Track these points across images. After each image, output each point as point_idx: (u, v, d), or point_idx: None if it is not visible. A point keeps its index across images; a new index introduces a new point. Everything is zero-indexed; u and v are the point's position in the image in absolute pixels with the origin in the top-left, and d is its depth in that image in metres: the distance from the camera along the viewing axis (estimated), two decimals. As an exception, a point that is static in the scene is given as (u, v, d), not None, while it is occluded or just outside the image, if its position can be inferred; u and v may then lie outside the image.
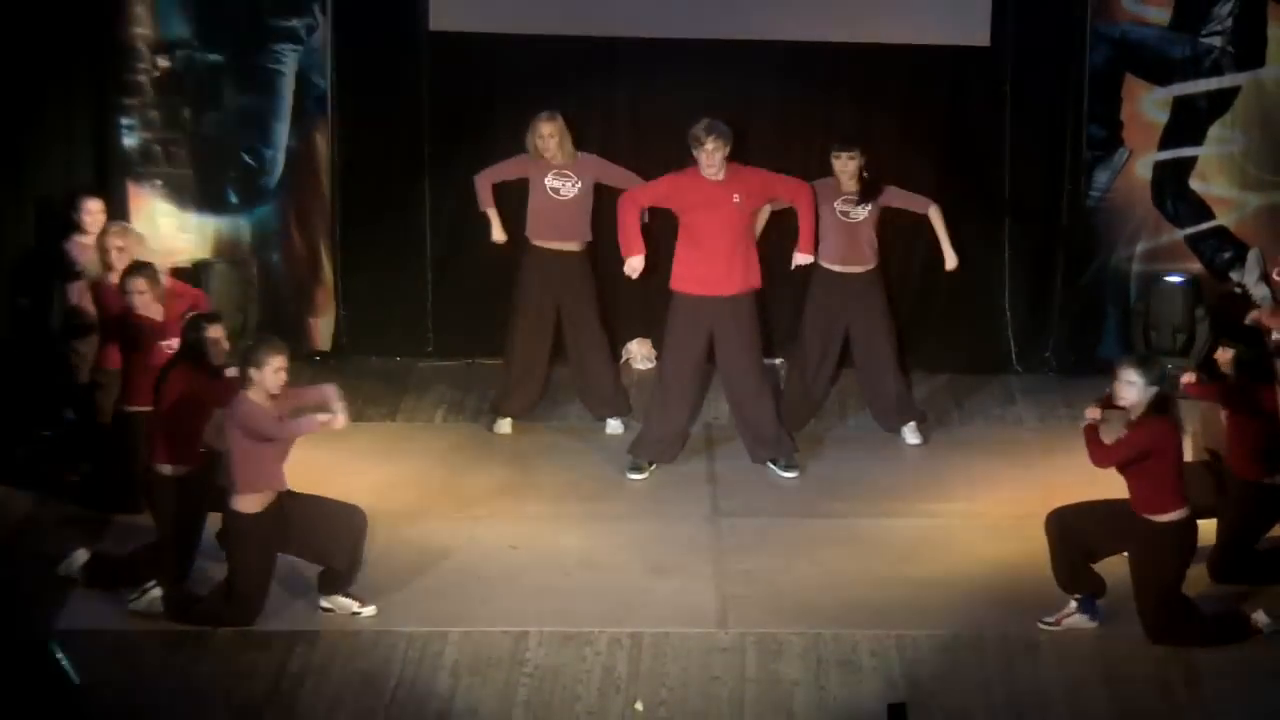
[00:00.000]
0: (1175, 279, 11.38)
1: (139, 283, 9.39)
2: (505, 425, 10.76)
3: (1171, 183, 11.52)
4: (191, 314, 9.15)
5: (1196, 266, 11.52)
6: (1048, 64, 11.34)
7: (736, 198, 9.95)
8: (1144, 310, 11.38)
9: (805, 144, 11.50)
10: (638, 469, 10.23)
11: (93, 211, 10.28)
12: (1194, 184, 11.51)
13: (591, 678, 8.25)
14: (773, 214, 10.41)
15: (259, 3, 11.28)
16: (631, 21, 11.24)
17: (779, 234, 11.31)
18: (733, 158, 10.01)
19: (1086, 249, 11.58)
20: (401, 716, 7.98)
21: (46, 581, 8.93)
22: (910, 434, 10.69)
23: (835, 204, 10.39)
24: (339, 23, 11.31)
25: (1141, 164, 11.48)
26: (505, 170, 10.64)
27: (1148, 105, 11.43)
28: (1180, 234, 11.56)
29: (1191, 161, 11.48)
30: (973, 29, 11.24)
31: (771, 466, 10.26)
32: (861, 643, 8.52)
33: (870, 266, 10.50)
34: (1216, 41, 11.28)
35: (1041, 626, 8.59)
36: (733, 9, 11.22)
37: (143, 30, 11.31)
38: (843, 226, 10.40)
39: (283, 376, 8.40)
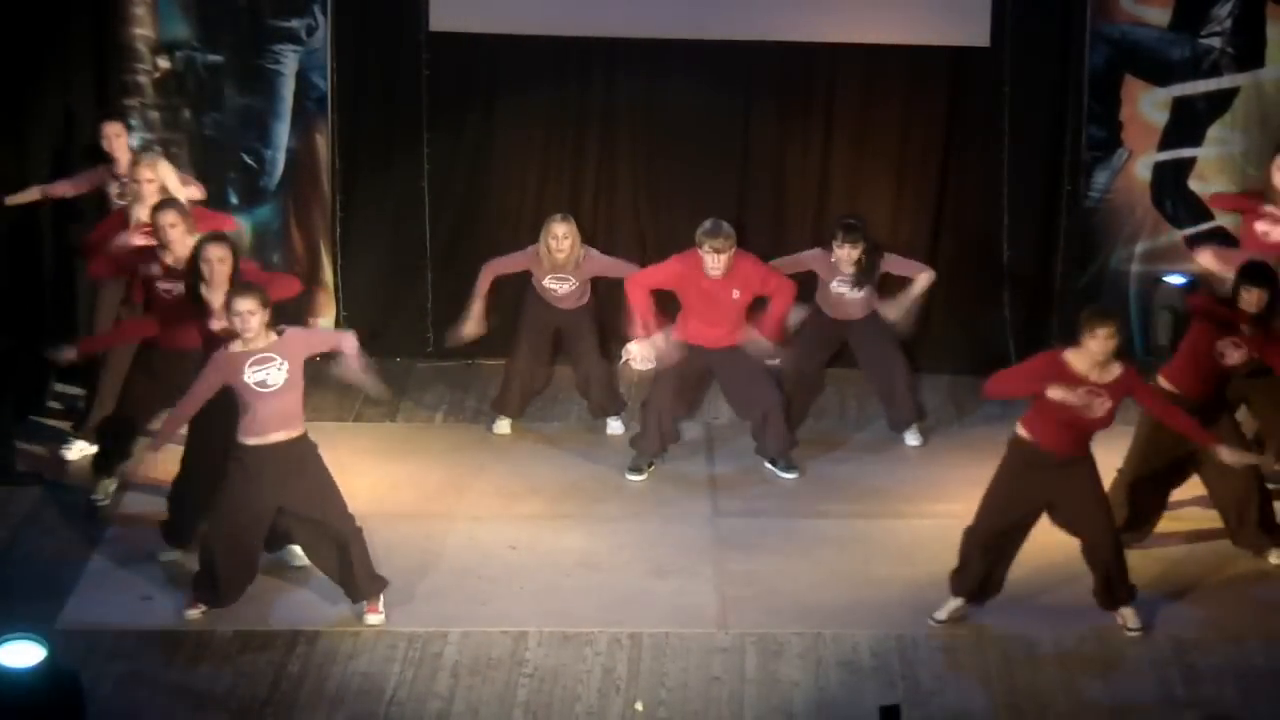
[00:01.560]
0: (1177, 279, 11.37)
1: (169, 216, 9.18)
2: (504, 425, 10.78)
3: (1171, 183, 11.52)
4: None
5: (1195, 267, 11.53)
6: (1048, 64, 11.34)
7: (736, 294, 9.99)
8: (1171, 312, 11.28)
9: (805, 144, 11.52)
10: (637, 469, 10.25)
11: (109, 136, 10.28)
12: (1193, 184, 11.51)
13: (591, 678, 8.26)
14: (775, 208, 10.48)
15: (259, 3, 11.28)
16: (631, 21, 11.24)
17: (775, 234, 11.32)
18: (733, 154, 10.05)
19: (1086, 249, 11.59)
20: (401, 716, 7.98)
21: (47, 581, 8.95)
22: (910, 434, 10.70)
23: (832, 283, 10.43)
24: (339, 23, 11.32)
25: (1141, 164, 11.48)
26: (513, 264, 10.59)
27: (1147, 106, 11.44)
28: (1179, 234, 11.56)
29: (1191, 162, 11.49)
30: (973, 29, 11.24)
31: (770, 466, 10.27)
32: (861, 643, 8.53)
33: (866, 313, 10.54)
34: (1216, 42, 11.29)
35: (932, 623, 8.64)
36: (733, 9, 11.21)
37: (143, 31, 11.31)
38: (838, 300, 10.47)
39: (247, 320, 8.23)
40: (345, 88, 11.43)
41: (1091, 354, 8.28)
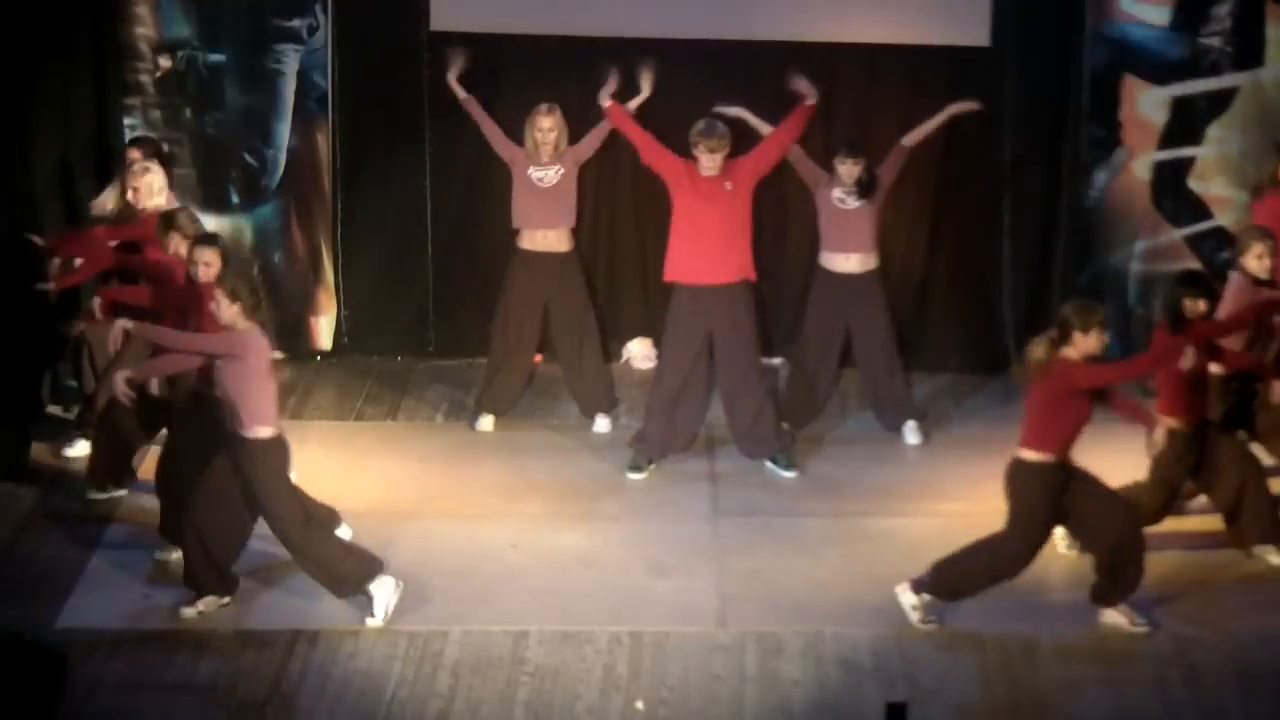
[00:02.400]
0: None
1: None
2: (488, 423, 10.75)
3: (1170, 183, 11.52)
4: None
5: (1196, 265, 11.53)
6: (1048, 64, 11.35)
7: (728, 185, 10.02)
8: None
9: (805, 144, 11.49)
10: (637, 468, 10.25)
11: (135, 160, 10.35)
12: (1193, 184, 11.52)
13: (592, 677, 8.26)
14: (777, 201, 10.68)
15: (260, 3, 11.28)
16: (631, 21, 11.24)
17: (775, 235, 11.34)
18: (732, 155, 10.06)
19: (1086, 249, 11.59)
20: (401, 716, 7.98)
21: (47, 581, 8.95)
22: (911, 433, 10.71)
23: (834, 191, 10.46)
24: (340, 23, 11.32)
25: (1141, 164, 11.48)
26: (497, 138, 10.65)
27: (1147, 105, 11.44)
28: (1179, 234, 11.56)
29: (1190, 161, 11.49)
30: (973, 29, 11.25)
31: (770, 465, 10.28)
32: (861, 642, 8.53)
33: (870, 266, 10.52)
34: (1215, 42, 11.28)
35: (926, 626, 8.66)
36: (733, 9, 11.23)
37: (144, 30, 11.32)
38: (840, 215, 10.47)
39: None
40: (346, 87, 11.44)
41: (1089, 348, 8.31)
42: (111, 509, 9.68)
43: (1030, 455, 8.43)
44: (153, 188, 9.94)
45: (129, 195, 10.08)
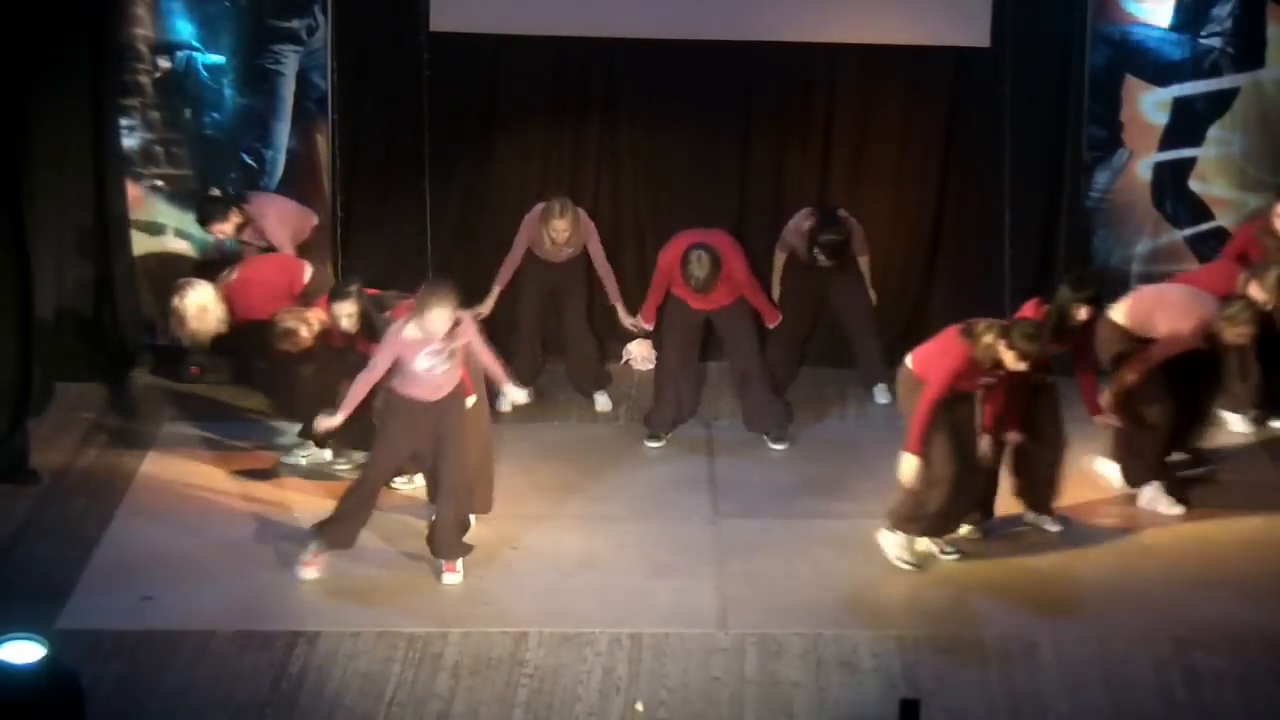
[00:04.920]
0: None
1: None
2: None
3: (1171, 183, 11.52)
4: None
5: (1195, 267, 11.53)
6: (1048, 64, 11.34)
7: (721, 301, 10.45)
8: None
9: (805, 144, 11.51)
10: (655, 437, 10.58)
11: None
12: (1194, 185, 11.51)
13: (592, 678, 8.26)
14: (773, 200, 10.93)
15: (259, 4, 11.28)
16: (632, 22, 11.23)
17: (775, 236, 11.33)
18: (733, 154, 10.11)
19: (1086, 249, 11.58)
20: (401, 716, 7.98)
21: (47, 581, 8.95)
22: (880, 394, 11.06)
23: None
24: (339, 23, 11.31)
25: (1141, 165, 11.47)
26: (516, 254, 10.90)
27: (1147, 106, 11.43)
28: (1180, 235, 11.56)
29: (1191, 162, 11.48)
30: (973, 29, 11.24)
31: (764, 437, 10.54)
32: (861, 643, 8.53)
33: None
34: (1216, 42, 11.28)
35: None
36: (733, 9, 11.21)
37: (143, 31, 11.31)
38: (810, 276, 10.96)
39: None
40: (345, 88, 11.43)
41: (1009, 360, 8.84)
42: (111, 509, 9.68)
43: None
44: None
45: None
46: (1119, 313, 9.88)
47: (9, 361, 10.30)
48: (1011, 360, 8.85)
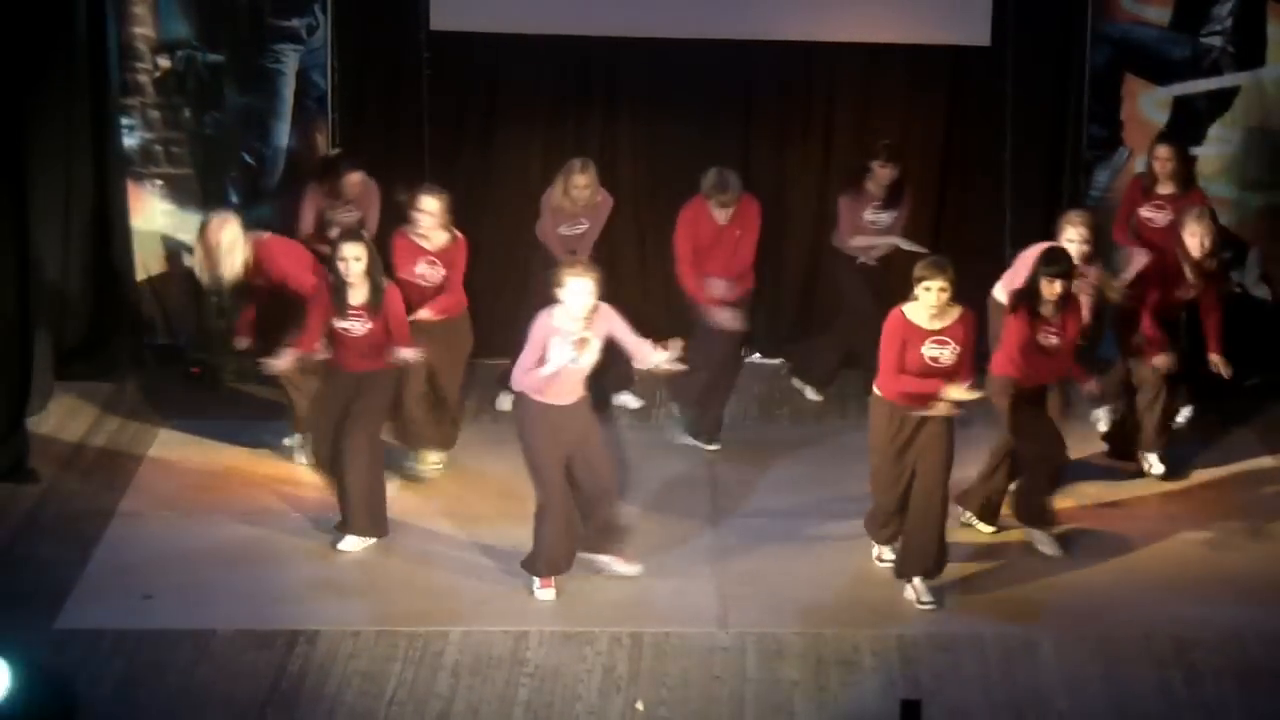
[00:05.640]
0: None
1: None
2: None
3: (1171, 183, 11.52)
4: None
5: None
6: (1048, 64, 11.34)
7: (738, 233, 10.28)
8: None
9: (805, 144, 11.51)
10: (711, 440, 10.53)
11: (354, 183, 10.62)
12: (1194, 184, 11.52)
13: (592, 678, 8.26)
14: (776, 202, 10.92)
15: (259, 3, 11.28)
16: (632, 21, 11.24)
17: (776, 235, 11.33)
18: (733, 153, 10.10)
19: (1086, 248, 11.58)
20: (401, 716, 7.98)
21: (46, 581, 8.95)
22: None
23: (864, 214, 10.75)
24: (339, 23, 11.31)
25: (1141, 163, 11.46)
26: (547, 229, 10.74)
27: (1148, 105, 11.44)
28: (1180, 234, 11.55)
29: (1191, 161, 11.48)
30: (973, 29, 11.24)
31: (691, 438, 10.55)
32: (861, 643, 8.53)
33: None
34: (1216, 41, 11.28)
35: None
36: (733, 9, 11.21)
37: (143, 30, 11.32)
38: (873, 232, 10.79)
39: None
40: (345, 87, 11.43)
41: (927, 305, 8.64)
42: (111, 510, 9.68)
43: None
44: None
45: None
46: (999, 290, 9.95)
47: (9, 361, 10.30)
48: (1049, 290, 8.92)
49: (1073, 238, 9.61)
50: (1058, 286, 8.96)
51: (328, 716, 7.97)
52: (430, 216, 9.86)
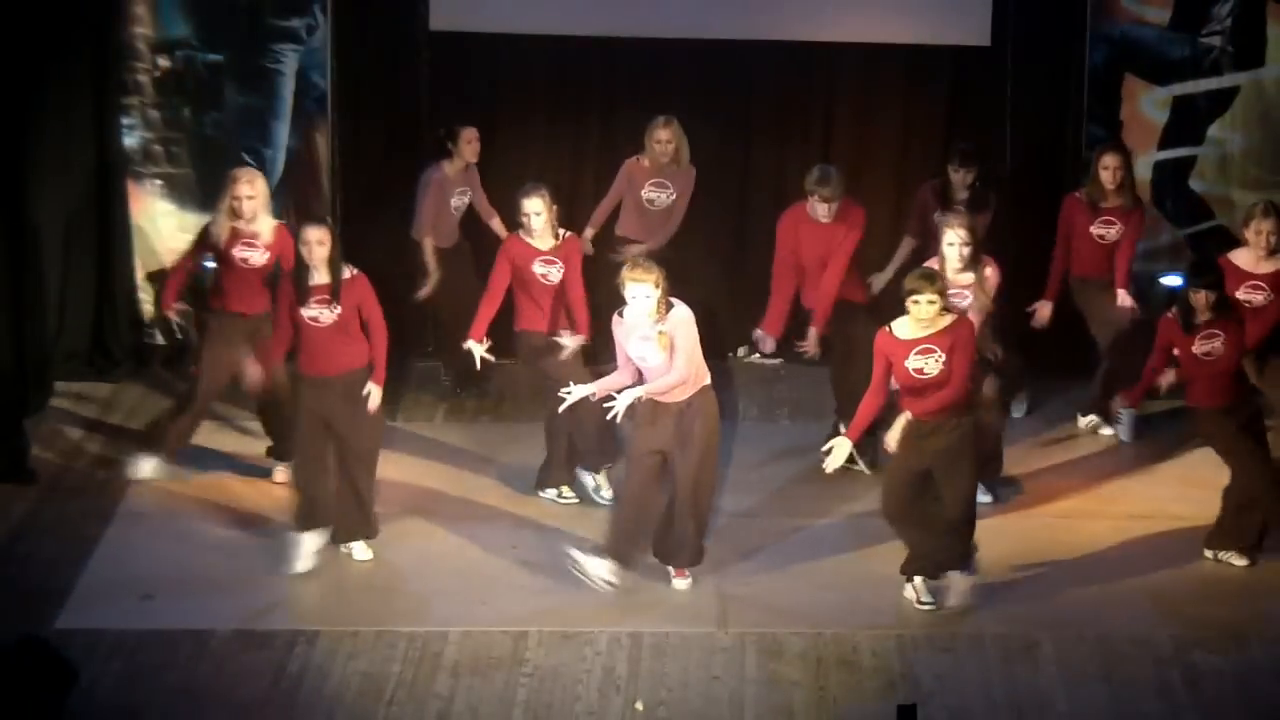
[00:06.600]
0: (1174, 280, 11.37)
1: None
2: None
3: (1171, 182, 11.52)
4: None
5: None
6: (1048, 64, 11.35)
7: (841, 234, 10.02)
8: None
9: (805, 144, 11.51)
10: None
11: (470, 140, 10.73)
12: (1194, 184, 11.52)
13: (591, 678, 8.26)
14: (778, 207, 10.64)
15: (259, 3, 11.28)
16: (631, 21, 11.24)
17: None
18: (733, 153, 10.08)
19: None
20: (401, 716, 7.98)
21: (46, 581, 8.95)
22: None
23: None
24: (339, 23, 11.31)
25: (1141, 164, 11.46)
26: (610, 199, 10.77)
27: (1147, 105, 11.44)
28: (1180, 234, 11.56)
29: (1191, 161, 11.49)
30: (973, 29, 11.25)
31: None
32: (861, 643, 8.53)
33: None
34: (1216, 41, 11.29)
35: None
36: (733, 9, 11.22)
37: (143, 30, 11.32)
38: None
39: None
40: (345, 87, 11.43)
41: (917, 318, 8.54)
42: (111, 508, 9.68)
43: None
44: None
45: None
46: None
47: (8, 361, 10.30)
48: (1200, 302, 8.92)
49: (952, 240, 9.32)
50: (1209, 297, 8.94)
51: (327, 716, 7.97)
52: (537, 217, 9.68)
